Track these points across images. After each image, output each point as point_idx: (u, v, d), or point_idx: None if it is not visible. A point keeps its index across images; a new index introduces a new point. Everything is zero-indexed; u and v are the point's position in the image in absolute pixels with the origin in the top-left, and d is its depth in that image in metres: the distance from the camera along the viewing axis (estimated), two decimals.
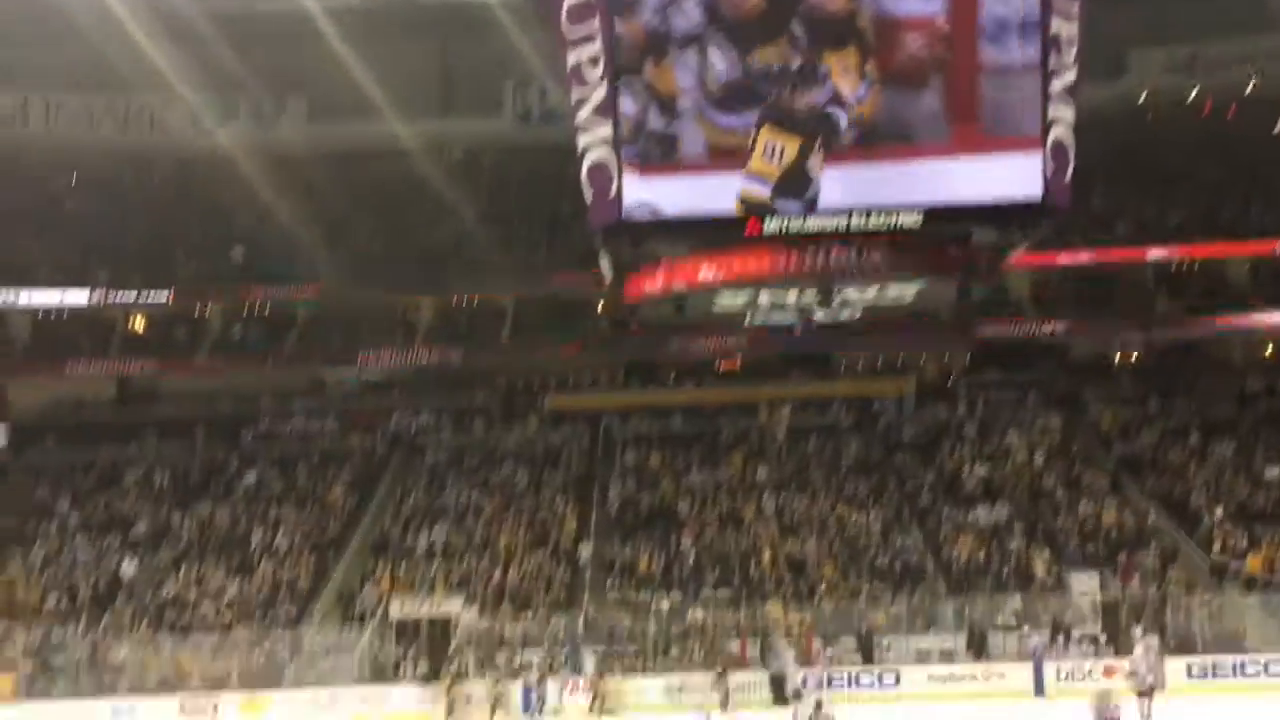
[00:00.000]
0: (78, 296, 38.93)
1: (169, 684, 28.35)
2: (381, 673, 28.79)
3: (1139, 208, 39.39)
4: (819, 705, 20.68)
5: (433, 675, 27.80)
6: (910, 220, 17.25)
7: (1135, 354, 41.55)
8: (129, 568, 32.82)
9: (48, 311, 39.98)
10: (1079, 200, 19.73)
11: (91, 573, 32.64)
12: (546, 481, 36.03)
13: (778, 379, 40.58)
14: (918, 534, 32.60)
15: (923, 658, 27.41)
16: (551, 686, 26.81)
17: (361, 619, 30.11)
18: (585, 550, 32.48)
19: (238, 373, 40.22)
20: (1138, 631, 24.41)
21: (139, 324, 42.17)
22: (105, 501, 36.09)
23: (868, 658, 27.63)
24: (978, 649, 27.67)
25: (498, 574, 31.40)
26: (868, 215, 17.19)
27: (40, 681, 28.65)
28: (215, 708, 27.30)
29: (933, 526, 32.68)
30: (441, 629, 29.99)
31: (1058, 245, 36.40)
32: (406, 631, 30.09)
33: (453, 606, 30.14)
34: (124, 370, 40.36)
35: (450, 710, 26.10)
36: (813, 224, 17.30)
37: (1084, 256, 37.99)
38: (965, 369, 41.91)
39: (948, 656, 27.40)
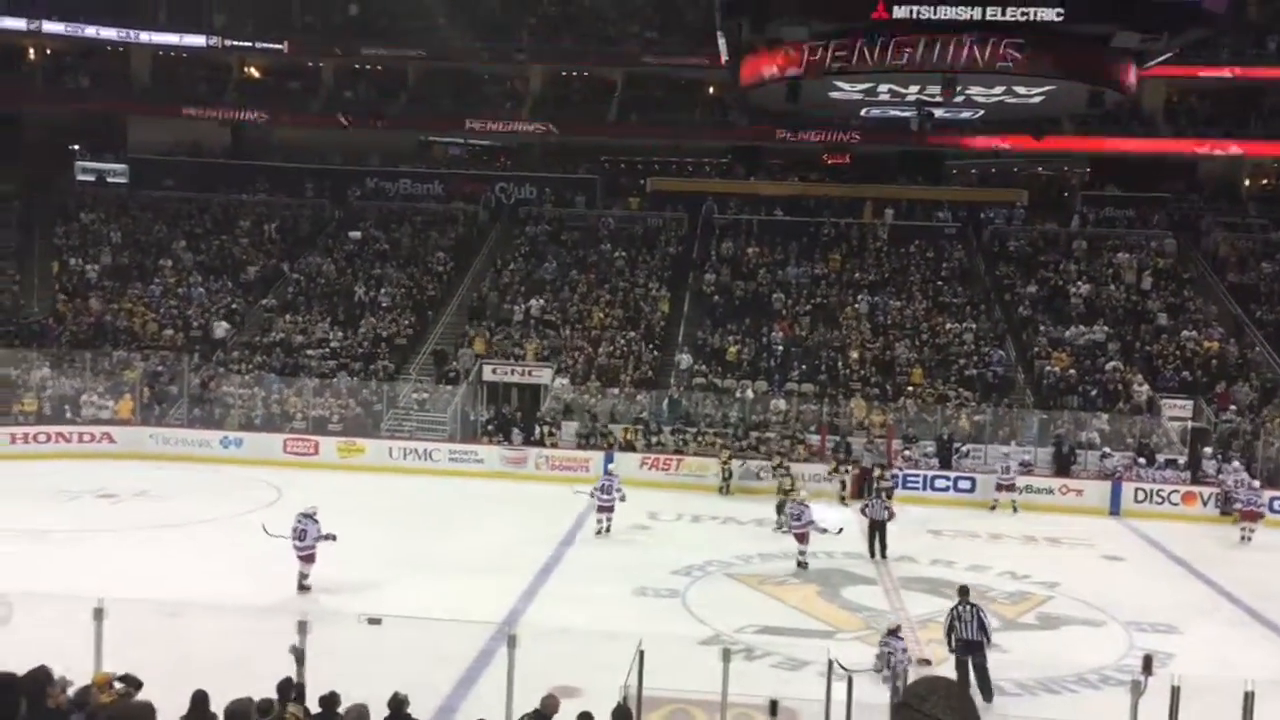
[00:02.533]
0: (195, 39, 39.40)
1: (274, 423, 29.99)
2: (471, 431, 30.00)
3: None
4: (885, 501, 21.26)
5: (521, 439, 28.89)
6: (1049, 15, 16.23)
7: (1266, 181, 39.53)
8: (237, 308, 34.24)
9: (167, 51, 40.59)
10: (1234, 9, 18.33)
11: (205, 311, 34.11)
12: (643, 262, 36.22)
13: (886, 179, 39.63)
14: (1012, 347, 32.29)
15: (1001, 467, 27.56)
16: (631, 459, 27.70)
17: (455, 379, 31.19)
18: (684, 359, 32.67)
19: (347, 130, 40.50)
20: (1221, 459, 24.22)
21: (254, 72, 42.55)
22: (219, 244, 37.31)
23: (945, 463, 27.95)
24: (1058, 464, 27.76)
25: (588, 348, 32.09)
26: (1004, 6, 16.19)
27: (157, 409, 30.50)
28: (316, 448, 28.87)
29: (1028, 340, 32.30)
30: (531, 395, 31.01)
31: (1202, 58, 34.23)
32: (498, 394, 31.20)
33: (543, 375, 31.05)
34: (238, 117, 40.97)
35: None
36: (945, 12, 16.38)
37: (1229, 72, 35.70)
38: (1084, 183, 40.37)
39: (1027, 469, 27.55)
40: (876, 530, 20.73)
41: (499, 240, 38.16)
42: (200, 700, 8.55)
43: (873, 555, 20.60)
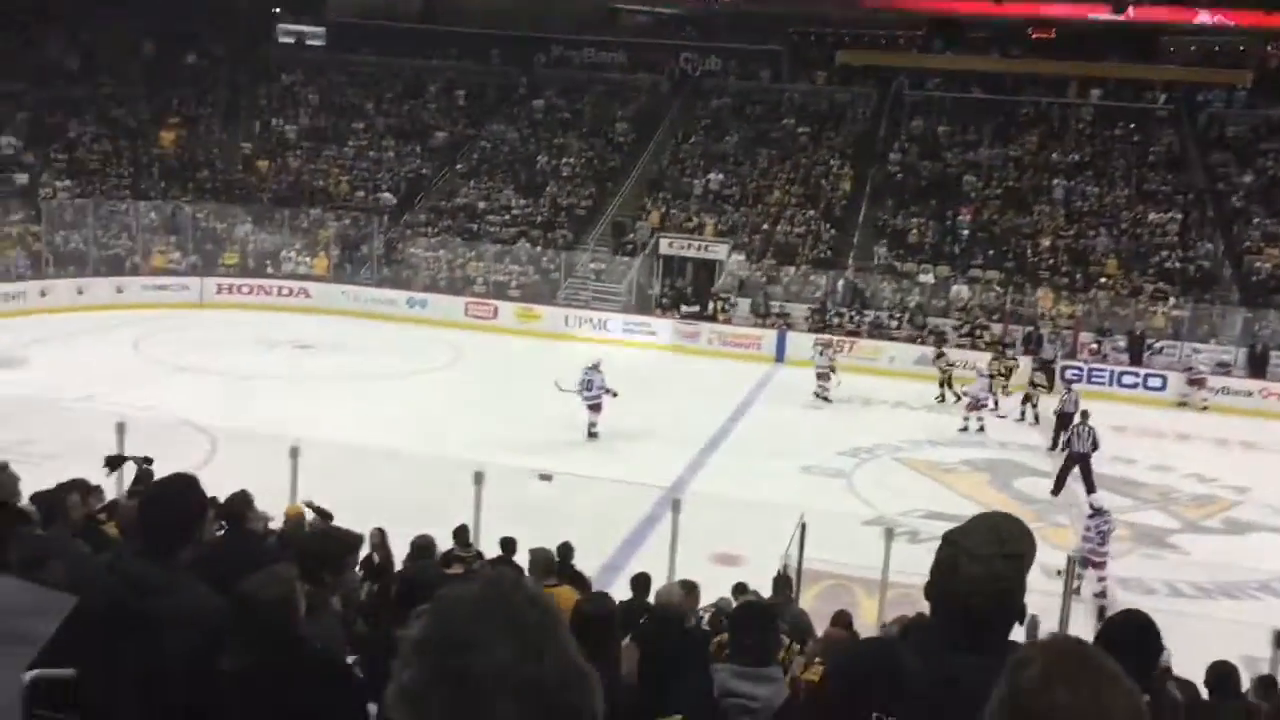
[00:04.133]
0: None
1: (456, 286, 30.94)
2: (646, 303, 30.25)
3: None
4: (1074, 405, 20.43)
5: (693, 313, 28.98)
6: None
7: None
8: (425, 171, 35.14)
9: None
10: None
11: (394, 174, 35.15)
12: (827, 139, 35.27)
13: (1094, 55, 37.10)
14: (1220, 240, 30.25)
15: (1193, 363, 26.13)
16: (804, 340, 27.43)
17: (632, 251, 31.38)
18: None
19: None
20: None
21: None
22: (409, 109, 38.17)
23: (1136, 359, 26.69)
24: (1258, 366, 26.15)
25: (767, 225, 31.70)
26: None
27: (349, 267, 31.88)
28: (495, 312, 29.70)
29: (1239, 234, 30.18)
30: (707, 270, 30.97)
31: None
32: (673, 268, 31.28)
33: (719, 251, 30.90)
34: None
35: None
36: None
37: None
38: None
39: (1224, 369, 26.07)
40: (1078, 464, 17.29)
41: (681, 113, 37.73)
42: (508, 545, 9.56)
43: (1057, 492, 17.58)
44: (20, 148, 32.30)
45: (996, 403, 22.52)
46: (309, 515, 9.08)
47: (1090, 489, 16.21)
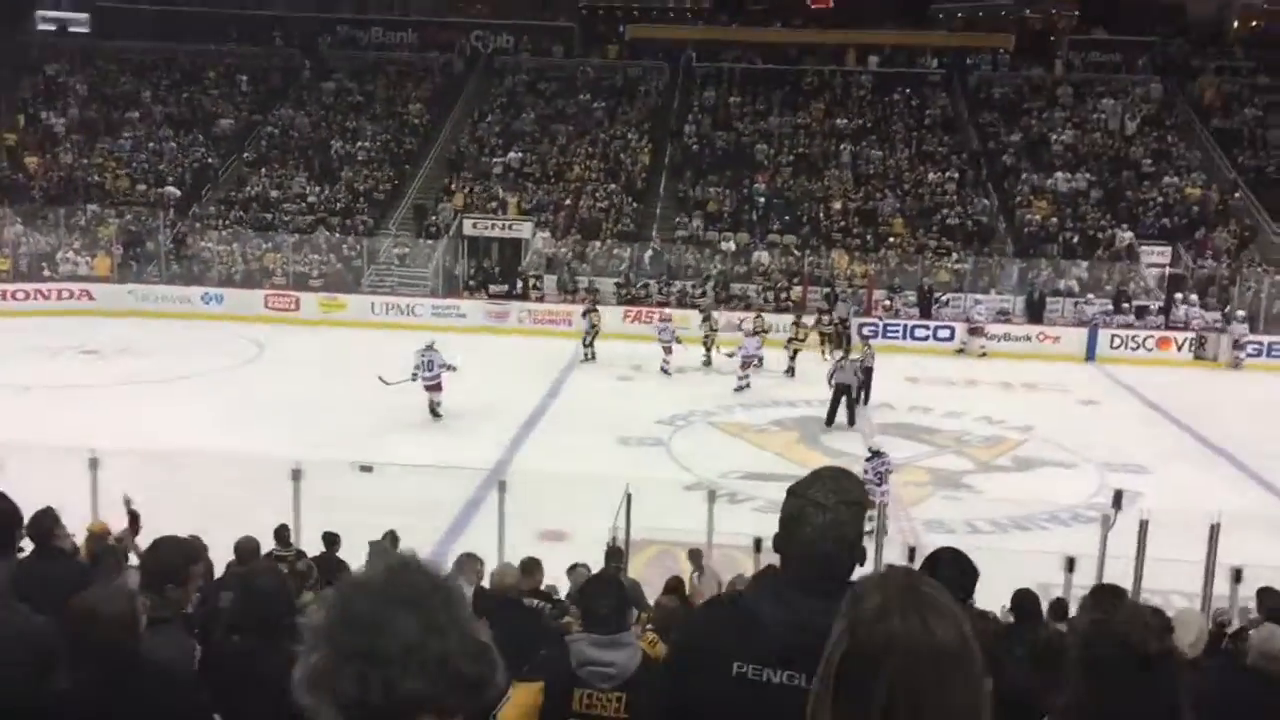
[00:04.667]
0: None
1: (254, 279, 29.83)
2: (453, 286, 29.94)
3: None
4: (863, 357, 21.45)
5: (502, 293, 28.89)
6: None
7: (1255, 23, 38.91)
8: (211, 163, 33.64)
9: None
10: None
11: (178, 165, 33.51)
12: (623, 113, 35.63)
13: (871, 24, 38.76)
14: (994, 196, 32.22)
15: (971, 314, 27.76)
16: (614, 312, 27.78)
17: (435, 233, 30.97)
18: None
19: None
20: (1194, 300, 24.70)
21: None
22: (188, 96, 36.40)
23: (926, 313, 28.18)
24: (1035, 312, 28.05)
25: (569, 202, 31.84)
26: None
27: (134, 266, 30.25)
28: (297, 304, 28.81)
29: (1010, 189, 32.20)
30: (513, 249, 30.87)
31: None
32: (479, 248, 31.05)
33: (524, 229, 30.84)
34: None
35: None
36: None
37: None
38: (1072, 27, 39.64)
39: (1004, 317, 27.84)
40: (843, 395, 19.43)
41: (475, 91, 37.37)
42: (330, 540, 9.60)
43: (830, 423, 19.44)
44: None
45: (761, 360, 23.36)
46: (113, 535, 8.66)
47: (851, 421, 19.49)
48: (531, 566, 8.27)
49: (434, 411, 18.83)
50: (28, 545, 5.15)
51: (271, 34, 39.01)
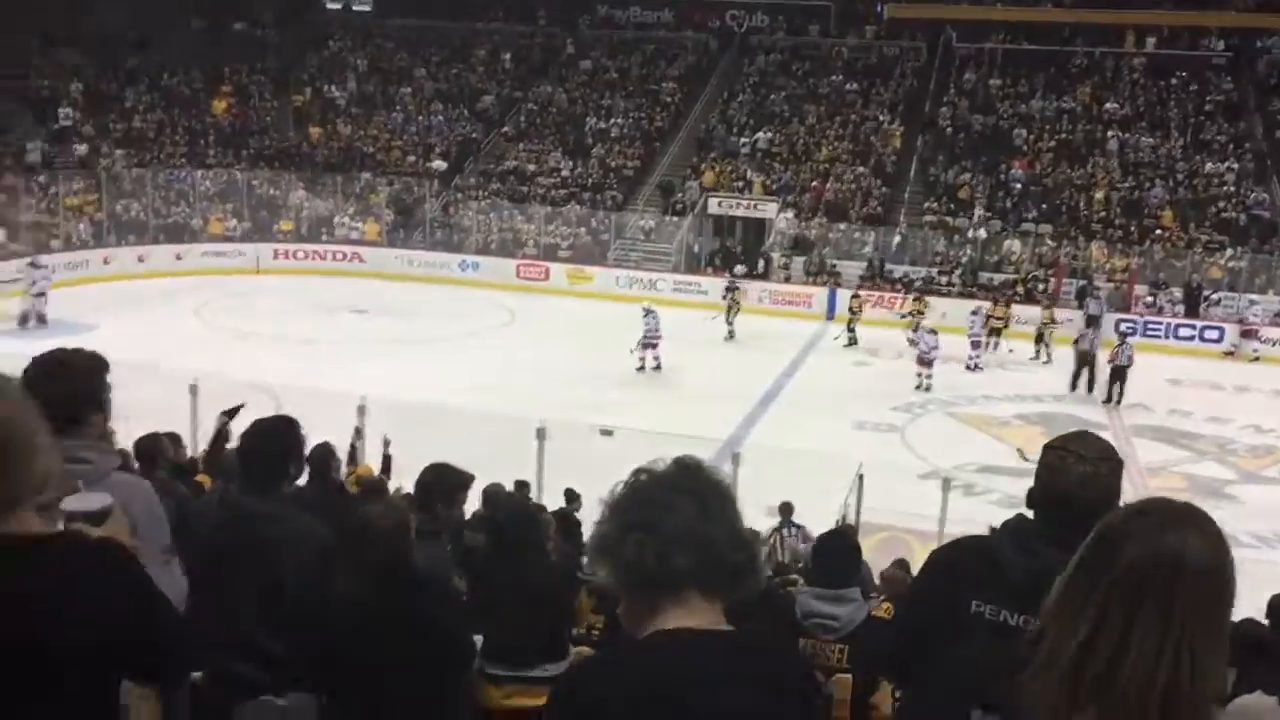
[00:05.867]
0: None
1: (507, 248, 31.22)
2: (695, 263, 30.32)
3: None
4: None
5: (745, 272, 29.03)
6: None
7: None
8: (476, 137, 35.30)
9: None
10: None
11: (444, 139, 35.38)
12: (876, 94, 34.97)
13: (1150, 3, 36.36)
14: (1278, 189, 29.71)
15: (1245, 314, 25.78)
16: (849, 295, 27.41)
17: (681, 210, 31.43)
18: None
19: None
20: None
21: None
22: (456, 72, 38.31)
23: (1192, 311, 26.40)
24: None
25: (815, 183, 31.59)
26: None
27: (401, 232, 32.24)
28: (546, 273, 29.94)
29: None
30: (756, 229, 30.96)
31: None
32: (722, 227, 31.31)
33: (768, 209, 30.86)
34: None
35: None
36: None
37: None
38: None
39: None
40: (1086, 364, 20.65)
41: (728, 70, 37.55)
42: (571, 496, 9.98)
43: (1073, 388, 20.65)
44: (78, 119, 32.90)
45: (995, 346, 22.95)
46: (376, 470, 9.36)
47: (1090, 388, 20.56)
48: (751, 537, 8.36)
49: (653, 366, 20.69)
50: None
51: (535, 13, 40.46)
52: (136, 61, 36.12)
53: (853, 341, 24.29)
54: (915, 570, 9.08)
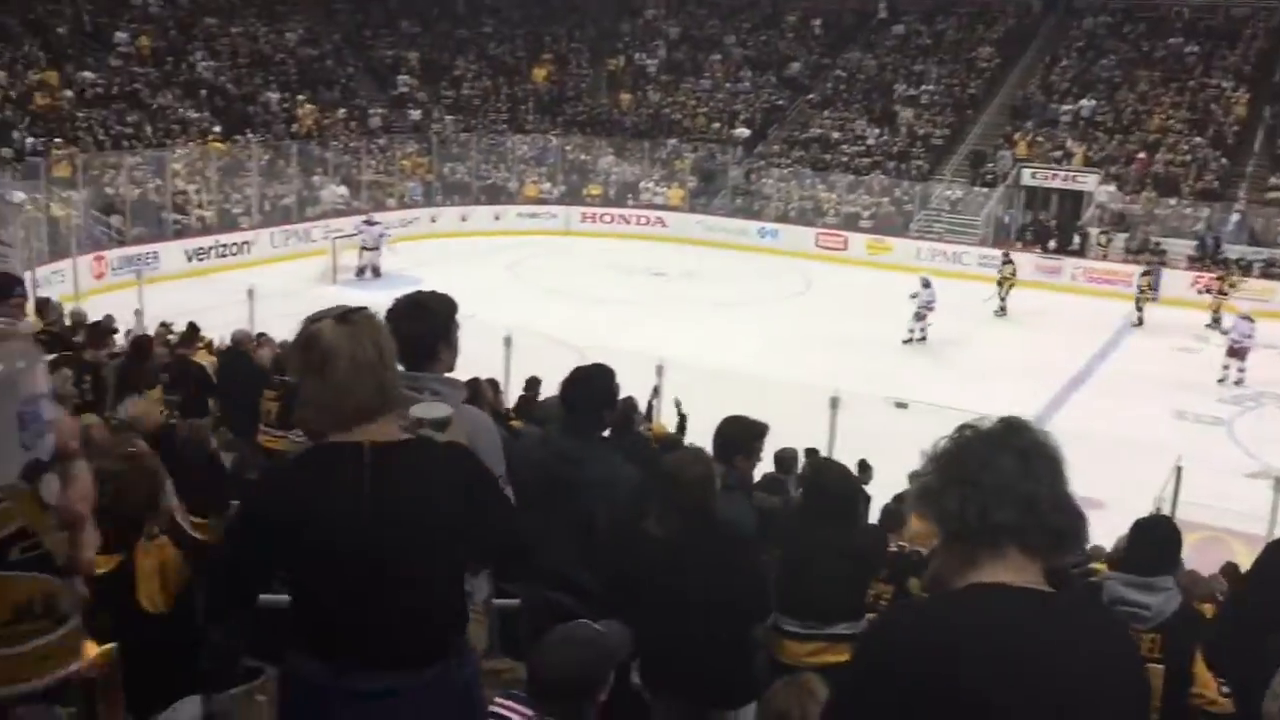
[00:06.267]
0: None
1: (807, 217, 31.05)
2: (1003, 236, 29.01)
3: None
4: None
5: (1059, 247, 27.55)
6: None
7: None
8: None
9: None
10: None
11: (750, 105, 35.53)
12: (1220, 58, 31.99)
13: None
14: None
15: None
16: (1182, 278, 25.39)
17: (991, 182, 30.13)
18: None
19: None
20: None
21: None
22: (765, 39, 38.32)
23: None
24: None
25: (1143, 155, 29.39)
26: None
27: (703, 197, 32.75)
28: (845, 243, 29.56)
29: None
30: (1073, 202, 29.23)
31: None
32: (1036, 200, 29.77)
33: (1088, 182, 29.03)
34: None
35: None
36: None
37: None
38: None
39: None
40: None
41: (1052, 34, 35.47)
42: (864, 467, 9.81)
43: None
44: (415, 86, 35.46)
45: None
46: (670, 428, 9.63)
47: None
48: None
49: (912, 339, 20.48)
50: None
51: None
52: (468, 32, 38.46)
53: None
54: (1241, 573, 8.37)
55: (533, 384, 11.00)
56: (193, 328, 11.92)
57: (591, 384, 3.63)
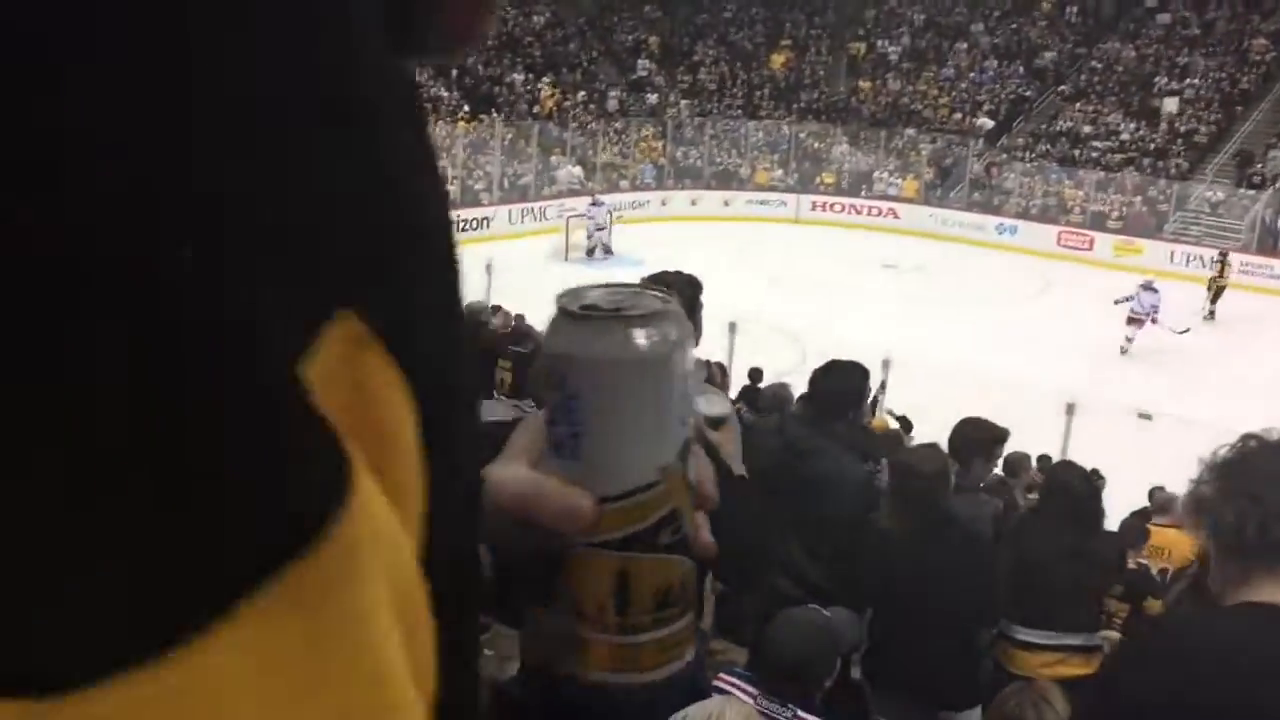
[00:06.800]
0: None
1: (1049, 215, 29.69)
2: (1267, 243, 26.89)
3: None
4: None
5: None
6: None
7: None
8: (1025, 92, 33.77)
9: None
10: None
11: (994, 96, 34.26)
12: None
13: None
14: None
15: None
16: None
17: (1260, 183, 27.98)
18: None
19: None
20: None
21: None
22: (1015, 27, 36.83)
23: None
24: None
25: None
26: None
27: (939, 190, 31.84)
28: (1090, 243, 28.10)
29: None
30: None
31: None
32: None
33: None
34: None
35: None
36: None
37: None
38: None
39: None
40: None
41: None
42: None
43: None
44: (653, 70, 35.99)
45: None
46: (891, 424, 9.46)
47: None
48: None
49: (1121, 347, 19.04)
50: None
51: None
52: (708, 17, 38.72)
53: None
54: None
55: (756, 374, 11.05)
56: None
57: (843, 379, 3.60)
